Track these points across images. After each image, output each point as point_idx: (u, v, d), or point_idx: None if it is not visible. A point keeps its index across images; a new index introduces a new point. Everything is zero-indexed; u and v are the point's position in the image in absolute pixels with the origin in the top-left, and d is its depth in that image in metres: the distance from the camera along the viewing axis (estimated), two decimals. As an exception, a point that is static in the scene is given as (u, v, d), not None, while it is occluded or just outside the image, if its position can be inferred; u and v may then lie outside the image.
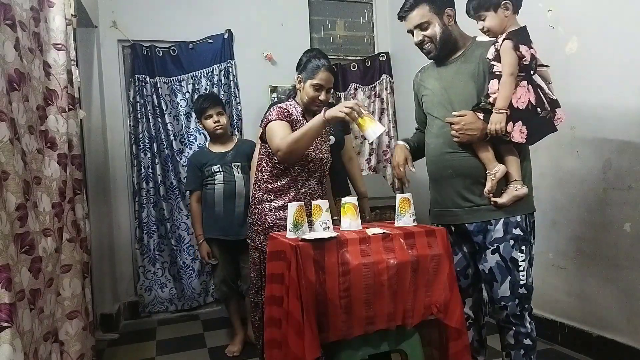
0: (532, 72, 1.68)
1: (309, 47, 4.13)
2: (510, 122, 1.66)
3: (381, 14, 4.40)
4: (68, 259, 1.98)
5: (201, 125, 3.06)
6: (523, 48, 1.65)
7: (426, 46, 1.87)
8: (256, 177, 2.25)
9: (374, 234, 1.65)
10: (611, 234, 2.37)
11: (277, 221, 2.15)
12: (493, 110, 1.67)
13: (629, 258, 2.29)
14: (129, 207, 3.72)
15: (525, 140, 1.68)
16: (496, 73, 1.70)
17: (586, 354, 2.52)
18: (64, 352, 1.94)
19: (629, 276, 2.30)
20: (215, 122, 2.93)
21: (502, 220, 1.78)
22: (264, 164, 2.20)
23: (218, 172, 2.89)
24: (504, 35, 1.69)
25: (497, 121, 1.66)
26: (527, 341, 1.80)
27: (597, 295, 2.48)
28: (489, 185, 1.75)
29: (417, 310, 1.67)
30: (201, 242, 2.95)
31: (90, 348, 2.13)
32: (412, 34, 1.89)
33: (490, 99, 1.71)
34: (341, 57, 4.32)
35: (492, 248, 1.79)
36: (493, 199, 1.76)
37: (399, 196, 1.85)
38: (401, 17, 1.89)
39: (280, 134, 2.01)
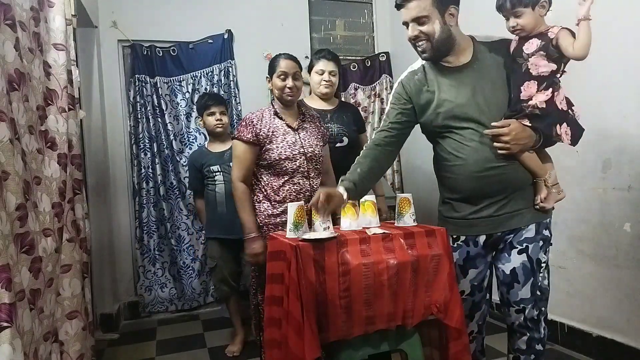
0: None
1: (309, 47, 4.14)
2: (558, 125, 1.60)
3: (381, 14, 4.40)
4: (68, 259, 1.98)
5: (201, 122, 3.05)
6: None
7: (420, 44, 1.68)
8: None
9: (374, 234, 1.65)
10: (611, 234, 2.37)
11: (265, 220, 2.19)
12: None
13: (629, 258, 2.29)
14: (129, 207, 3.73)
15: (571, 142, 1.63)
16: (534, 74, 1.59)
17: (586, 354, 2.53)
18: (63, 352, 1.94)
19: (629, 276, 2.30)
20: (217, 120, 2.94)
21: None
22: None
23: (217, 172, 2.89)
24: (557, 27, 1.62)
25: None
26: (539, 347, 1.75)
27: (597, 295, 2.48)
28: (545, 193, 1.68)
29: (417, 310, 1.67)
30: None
31: (89, 348, 2.13)
32: (407, 27, 1.69)
33: (532, 102, 1.60)
34: (341, 57, 4.29)
35: (519, 248, 1.72)
36: (541, 204, 1.69)
37: (399, 196, 1.85)
38: (399, 5, 1.68)
39: (238, 166, 2.21)
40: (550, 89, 1.59)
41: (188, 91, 3.79)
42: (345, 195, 1.69)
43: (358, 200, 1.82)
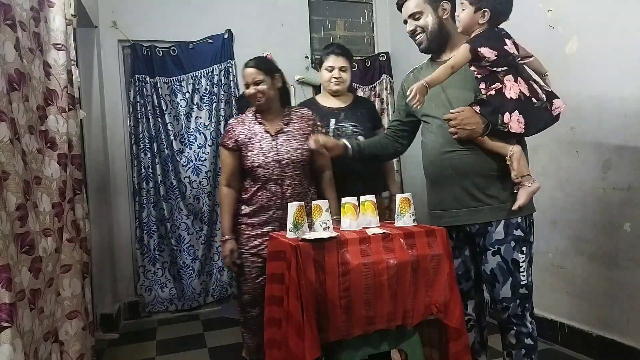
0: (514, 66, 1.68)
1: (309, 47, 4.14)
2: (507, 113, 1.64)
3: (381, 14, 4.40)
4: (68, 259, 1.98)
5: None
6: (485, 49, 1.63)
7: (417, 37, 1.87)
8: None
9: (374, 234, 1.66)
10: (611, 234, 2.37)
11: (239, 219, 2.26)
12: (422, 81, 1.66)
13: (629, 258, 2.29)
14: (129, 207, 3.73)
15: (523, 130, 1.66)
16: (479, 76, 1.69)
17: (586, 354, 2.53)
18: (63, 352, 1.94)
19: (629, 276, 2.30)
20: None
21: (502, 221, 1.76)
22: None
23: None
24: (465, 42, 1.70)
25: (417, 89, 1.65)
26: (529, 341, 1.79)
27: (597, 295, 2.48)
28: (514, 168, 1.69)
29: (417, 310, 1.67)
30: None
31: (90, 348, 2.13)
32: (407, 24, 1.90)
33: (483, 93, 1.69)
34: (341, 57, 4.31)
35: (492, 249, 1.77)
36: (514, 207, 1.70)
37: (399, 196, 1.85)
38: (399, 5, 1.90)
39: (223, 170, 2.32)
40: (497, 83, 1.67)
41: (188, 91, 3.79)
42: (349, 146, 2.00)
43: (358, 200, 1.83)
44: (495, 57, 1.64)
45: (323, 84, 2.67)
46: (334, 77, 2.53)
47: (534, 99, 1.67)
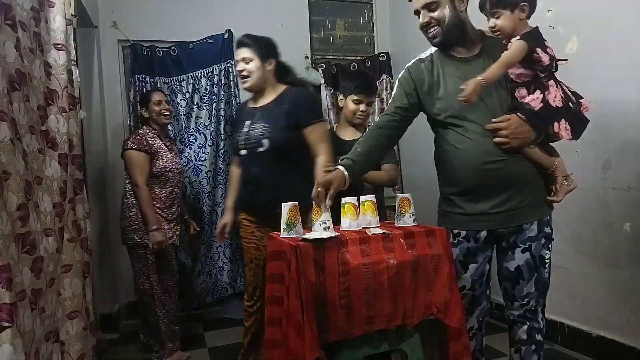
0: (553, 70, 1.66)
1: (309, 47, 4.14)
2: (555, 122, 1.62)
3: (381, 14, 4.40)
4: (69, 258, 1.98)
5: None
6: (540, 51, 1.60)
7: (432, 30, 1.73)
8: None
9: (374, 234, 1.66)
10: (611, 234, 2.37)
11: None
12: (478, 78, 1.58)
13: (629, 258, 2.30)
14: (129, 207, 3.72)
15: (571, 137, 1.65)
16: (519, 80, 1.65)
17: (586, 354, 2.53)
18: (64, 352, 1.94)
19: (629, 276, 2.30)
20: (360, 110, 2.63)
21: (536, 219, 1.75)
22: None
23: None
24: (517, 37, 1.62)
25: (474, 87, 1.56)
26: (539, 337, 1.79)
27: (597, 295, 2.48)
28: (558, 181, 1.71)
29: (417, 310, 1.67)
30: None
31: (91, 348, 2.13)
32: (419, 16, 1.74)
33: (526, 101, 1.65)
34: (341, 57, 4.32)
35: (523, 247, 1.75)
36: (550, 198, 1.73)
37: (399, 196, 1.85)
38: None
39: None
40: (538, 91, 1.63)
41: (188, 91, 3.78)
42: (345, 173, 1.72)
43: (358, 200, 1.83)
44: (548, 62, 1.61)
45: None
46: (237, 71, 2.30)
47: (570, 104, 1.65)
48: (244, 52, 2.26)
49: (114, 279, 3.60)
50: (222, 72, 3.82)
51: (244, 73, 2.26)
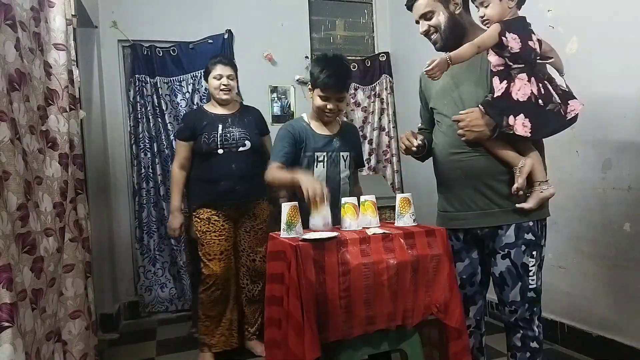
0: (532, 64, 1.61)
1: (309, 47, 4.14)
2: (512, 116, 1.58)
3: (381, 14, 4.40)
4: (70, 258, 1.99)
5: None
6: (510, 36, 1.57)
7: (432, 36, 1.78)
8: None
9: (374, 234, 1.66)
10: (611, 234, 2.37)
11: None
12: (445, 55, 1.59)
13: (629, 258, 2.30)
14: (129, 207, 3.73)
15: (529, 134, 1.59)
16: (494, 70, 1.63)
17: (586, 354, 2.53)
18: (67, 352, 1.94)
19: (629, 276, 2.30)
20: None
21: (513, 225, 1.70)
22: None
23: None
24: (495, 24, 1.62)
25: (438, 62, 1.58)
26: (534, 344, 1.76)
27: (597, 295, 2.48)
28: (517, 183, 1.63)
29: (417, 310, 1.67)
30: None
31: (93, 347, 2.13)
32: (419, 24, 1.81)
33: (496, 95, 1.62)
34: (341, 57, 4.32)
35: (502, 253, 1.73)
36: (519, 205, 1.66)
37: (399, 196, 1.85)
38: (408, 6, 1.81)
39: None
40: (505, 81, 1.61)
41: (188, 91, 3.79)
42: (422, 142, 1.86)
43: (358, 200, 1.83)
44: (518, 50, 1.57)
45: (212, 92, 2.77)
46: (223, 85, 2.71)
47: (541, 101, 1.60)
48: (230, 70, 2.75)
49: (114, 279, 3.61)
50: (222, 72, 3.82)
51: (229, 87, 2.73)
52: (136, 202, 3.67)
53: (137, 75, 3.65)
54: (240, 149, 2.69)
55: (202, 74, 2.92)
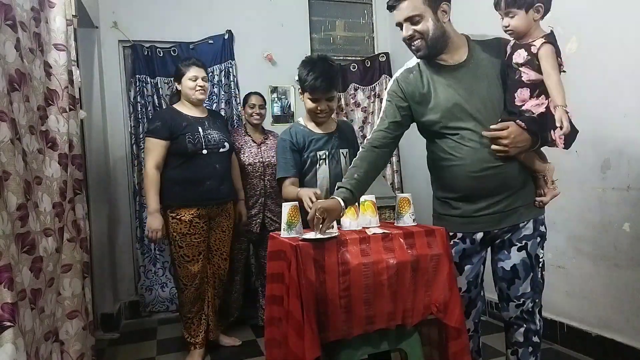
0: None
1: (309, 48, 4.15)
2: (552, 130, 1.59)
3: (381, 15, 4.40)
4: (68, 258, 1.99)
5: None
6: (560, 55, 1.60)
7: (415, 43, 1.68)
8: None
9: (373, 233, 1.66)
10: (610, 234, 2.37)
11: None
12: (560, 107, 1.55)
13: (629, 258, 2.30)
14: (130, 207, 3.73)
15: (564, 146, 1.62)
16: (526, 82, 1.61)
17: (586, 353, 2.53)
18: (64, 352, 1.94)
19: (628, 276, 2.30)
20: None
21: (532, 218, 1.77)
22: None
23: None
24: (540, 40, 1.60)
25: (565, 119, 1.52)
26: (536, 339, 1.79)
27: (596, 295, 2.48)
28: (545, 188, 1.75)
29: (416, 310, 1.67)
30: None
31: (90, 348, 2.13)
32: (402, 28, 1.69)
33: (527, 107, 1.62)
34: (341, 58, 4.33)
35: (519, 245, 1.75)
36: (538, 199, 1.76)
37: (398, 196, 1.86)
38: (391, 6, 1.69)
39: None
40: (543, 96, 1.60)
41: (188, 91, 3.79)
42: (342, 204, 1.67)
43: (358, 200, 1.83)
44: (563, 66, 1.59)
45: (187, 93, 2.78)
46: (199, 86, 2.76)
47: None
48: (203, 72, 2.83)
49: (115, 279, 3.61)
50: (223, 72, 3.83)
51: (205, 88, 2.82)
52: (137, 202, 3.67)
53: (137, 76, 3.65)
54: (221, 150, 2.80)
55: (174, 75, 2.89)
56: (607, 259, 2.41)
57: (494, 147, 1.65)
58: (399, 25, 1.70)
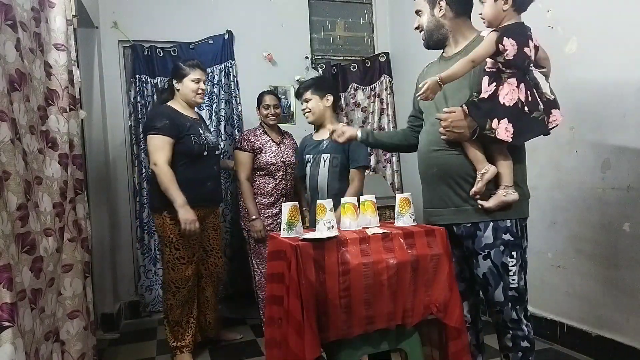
0: (524, 71, 1.61)
1: (309, 48, 4.15)
2: (496, 119, 1.59)
3: (381, 15, 4.40)
4: (69, 258, 1.99)
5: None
6: (508, 42, 1.57)
7: (420, 33, 1.89)
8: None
9: (373, 233, 1.66)
10: (610, 234, 2.38)
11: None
12: (436, 77, 1.62)
13: (628, 258, 2.30)
14: (130, 207, 3.73)
15: (511, 139, 1.60)
16: (487, 70, 1.64)
17: (586, 353, 2.53)
18: (65, 352, 1.94)
19: (628, 276, 2.30)
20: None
21: (490, 225, 1.72)
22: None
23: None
24: (488, 30, 1.64)
25: (429, 85, 1.62)
26: (525, 343, 1.77)
27: (596, 295, 2.48)
28: (476, 187, 1.69)
29: (416, 310, 1.67)
30: None
31: (91, 347, 2.14)
32: None
33: (482, 95, 1.63)
34: (341, 58, 4.33)
35: (483, 254, 1.75)
36: (480, 202, 1.71)
37: (398, 196, 1.86)
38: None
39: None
40: (494, 84, 1.62)
41: (188, 91, 3.79)
42: (358, 133, 2.09)
43: (358, 200, 1.83)
44: (512, 57, 1.57)
45: (188, 94, 2.78)
46: (201, 89, 2.80)
47: (527, 109, 1.60)
48: (205, 75, 2.87)
49: (115, 279, 3.61)
50: (223, 72, 3.83)
51: (204, 92, 2.88)
52: (137, 202, 3.67)
53: (137, 76, 3.65)
54: (217, 152, 2.87)
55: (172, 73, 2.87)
56: (607, 259, 2.41)
57: (439, 130, 1.74)
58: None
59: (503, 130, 1.59)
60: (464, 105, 1.67)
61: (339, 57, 4.32)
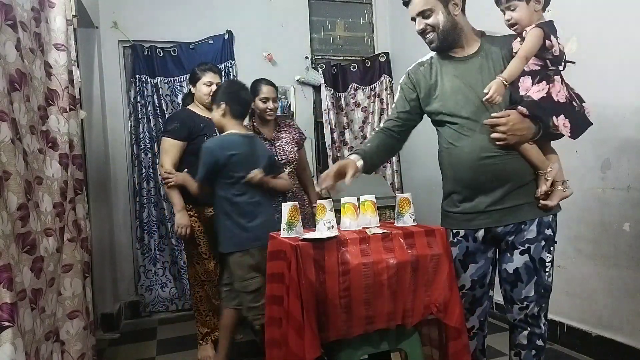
0: (561, 68, 1.64)
1: (309, 48, 4.15)
2: (554, 116, 1.60)
3: (381, 15, 4.40)
4: (69, 258, 1.99)
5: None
6: (554, 40, 1.59)
7: (428, 35, 1.75)
8: None
9: (373, 233, 1.66)
10: (610, 234, 2.38)
11: None
12: (499, 78, 1.58)
13: (628, 258, 2.30)
14: (130, 207, 3.74)
15: (570, 134, 1.62)
16: (526, 70, 1.62)
17: (586, 353, 2.53)
18: (64, 352, 1.94)
19: (628, 276, 2.30)
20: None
21: (536, 220, 1.71)
22: None
23: None
24: (532, 27, 1.62)
25: (496, 88, 1.56)
26: (540, 342, 1.76)
27: (596, 295, 2.48)
28: (544, 187, 1.67)
29: (416, 310, 1.67)
30: None
31: (91, 347, 2.14)
32: (415, 22, 1.77)
33: (528, 93, 1.62)
34: (341, 58, 4.33)
35: (522, 248, 1.72)
36: (543, 202, 1.69)
37: (398, 196, 1.86)
38: (406, 2, 1.77)
39: None
40: (544, 82, 1.61)
41: (188, 91, 3.79)
42: (360, 163, 1.79)
43: (358, 200, 1.83)
44: (558, 53, 1.58)
45: (201, 97, 2.79)
46: (212, 92, 2.72)
47: (574, 103, 1.63)
48: (218, 78, 2.85)
49: (115, 279, 3.61)
50: (223, 72, 3.82)
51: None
52: (137, 202, 3.68)
53: (137, 76, 3.66)
54: None
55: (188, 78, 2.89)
56: (607, 259, 2.41)
57: (493, 135, 1.64)
58: (413, 19, 1.77)
59: (562, 126, 1.61)
60: (520, 107, 1.63)
61: (339, 57, 4.32)
